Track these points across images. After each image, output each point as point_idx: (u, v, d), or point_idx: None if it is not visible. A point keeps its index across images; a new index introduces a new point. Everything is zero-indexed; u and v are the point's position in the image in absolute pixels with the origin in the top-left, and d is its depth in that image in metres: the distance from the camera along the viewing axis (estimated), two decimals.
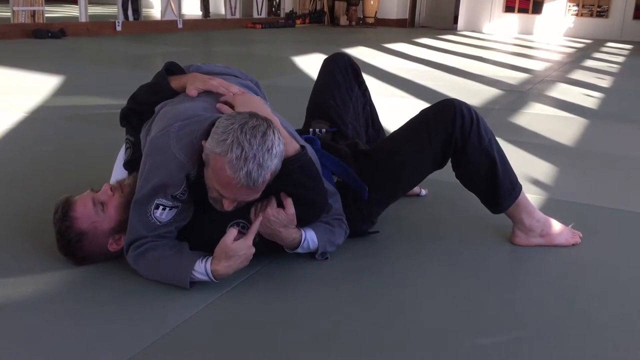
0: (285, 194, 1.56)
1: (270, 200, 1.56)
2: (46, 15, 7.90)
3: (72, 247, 1.57)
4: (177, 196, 1.49)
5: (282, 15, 12.32)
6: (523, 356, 1.34)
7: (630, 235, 2.04)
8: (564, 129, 3.57)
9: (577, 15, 12.07)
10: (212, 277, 1.49)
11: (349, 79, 2.09)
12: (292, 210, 1.55)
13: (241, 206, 1.50)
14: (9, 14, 7.52)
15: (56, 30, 7.59)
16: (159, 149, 1.49)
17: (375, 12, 12.90)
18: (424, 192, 2.29)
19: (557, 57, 8.03)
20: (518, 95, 4.75)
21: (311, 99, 2.11)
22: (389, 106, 3.93)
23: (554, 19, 12.17)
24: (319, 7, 13.12)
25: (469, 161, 1.77)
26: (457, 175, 1.84)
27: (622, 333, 1.44)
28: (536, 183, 2.50)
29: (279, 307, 1.49)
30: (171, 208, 1.51)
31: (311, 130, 1.95)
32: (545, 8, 12.25)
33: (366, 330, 1.40)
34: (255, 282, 1.59)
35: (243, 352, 1.30)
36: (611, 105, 4.53)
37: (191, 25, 10.08)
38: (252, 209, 1.56)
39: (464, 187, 1.86)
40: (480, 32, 12.35)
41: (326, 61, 2.13)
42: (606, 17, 11.88)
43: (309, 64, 5.99)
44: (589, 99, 4.69)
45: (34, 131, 3.09)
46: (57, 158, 2.64)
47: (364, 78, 2.20)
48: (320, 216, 1.66)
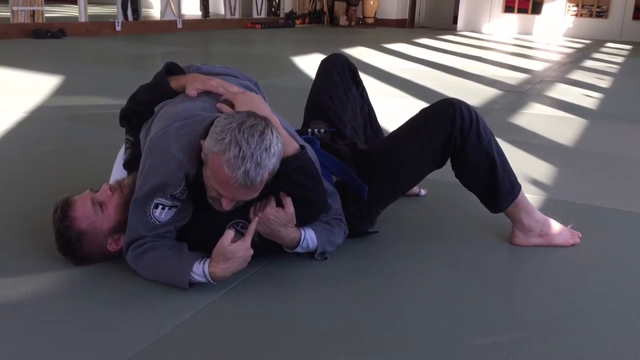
0: (284, 193, 1.56)
1: (269, 199, 1.56)
2: (46, 15, 7.90)
3: (72, 247, 1.57)
4: (177, 195, 1.49)
5: (282, 15, 12.33)
6: (522, 356, 1.34)
7: (630, 236, 2.04)
8: (563, 129, 3.57)
9: (577, 15, 12.08)
10: (210, 279, 1.49)
11: (347, 79, 2.09)
12: (292, 210, 1.55)
13: (240, 206, 1.50)
14: (9, 13, 7.52)
15: (56, 30, 7.59)
16: (159, 148, 1.49)
17: (375, 13, 12.91)
18: (423, 192, 2.29)
19: (557, 58, 8.03)
20: (517, 96, 4.75)
21: (309, 100, 2.12)
22: (389, 106, 3.94)
23: (553, 19, 12.18)
24: (318, 7, 13.13)
25: (468, 161, 1.77)
26: (457, 175, 1.84)
27: (622, 333, 1.44)
28: (535, 183, 2.50)
29: (279, 307, 1.49)
30: (170, 207, 1.51)
31: (310, 130, 1.95)
32: (544, 8, 12.26)
33: (366, 330, 1.40)
34: (254, 282, 1.59)
35: (243, 353, 1.30)
36: (610, 105, 4.53)
37: (191, 25, 10.08)
38: (251, 209, 1.56)
39: (464, 187, 1.86)
40: (480, 33, 12.36)
41: (324, 62, 2.14)
42: (605, 18, 11.89)
43: (308, 64, 5.99)
44: (588, 100, 4.70)
45: (34, 131, 3.09)
46: (57, 158, 2.64)
47: (363, 78, 2.20)
48: (319, 216, 1.66)
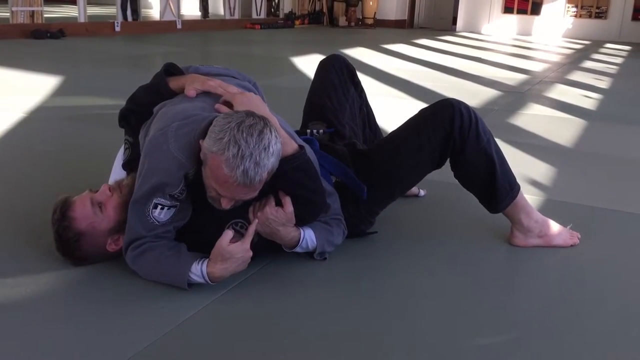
0: (283, 192, 1.56)
1: (268, 198, 1.56)
2: (45, 15, 7.90)
3: (71, 248, 1.57)
4: (176, 195, 1.49)
5: (281, 15, 12.33)
6: (521, 356, 1.34)
7: (629, 237, 2.04)
8: (563, 130, 3.57)
9: (576, 16, 12.09)
10: (208, 280, 1.49)
11: (345, 80, 2.09)
12: (291, 209, 1.56)
13: (239, 205, 1.50)
14: (8, 14, 7.52)
15: (55, 31, 7.59)
16: (158, 148, 1.49)
17: (374, 13, 12.91)
18: (422, 193, 2.29)
19: (556, 58, 8.04)
20: (516, 96, 4.76)
21: (308, 100, 2.12)
22: (388, 106, 3.94)
23: (552, 20, 12.19)
24: (318, 8, 13.13)
25: (467, 161, 1.77)
26: (456, 175, 1.84)
27: (621, 334, 1.44)
28: (534, 184, 2.50)
29: (278, 308, 1.49)
30: (169, 207, 1.51)
31: (308, 131, 1.95)
32: (544, 9, 12.27)
33: (365, 331, 1.40)
34: (254, 283, 1.59)
35: (242, 353, 1.30)
36: (609, 106, 4.54)
37: (190, 25, 10.08)
38: (251, 208, 1.56)
39: (463, 188, 1.87)
40: (479, 33, 12.37)
41: (322, 63, 2.14)
42: (605, 19, 11.90)
43: (308, 64, 5.99)
44: (587, 100, 4.70)
45: (33, 131, 3.09)
46: (56, 158, 2.64)
47: (362, 79, 2.20)
48: (318, 216, 1.66)
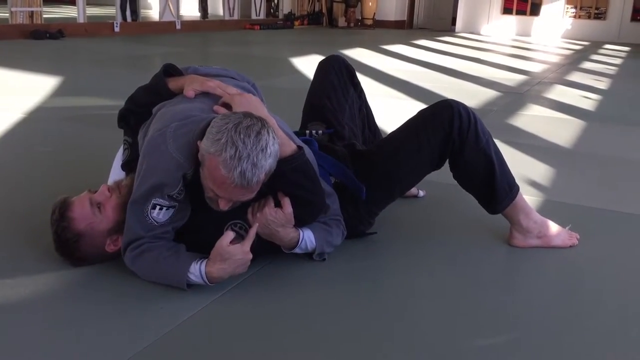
0: (282, 193, 1.56)
1: (267, 199, 1.56)
2: (44, 16, 7.90)
3: (70, 248, 1.57)
4: (174, 196, 1.49)
5: (281, 16, 12.33)
6: (521, 356, 1.34)
7: (628, 237, 2.04)
8: (562, 130, 3.57)
9: (575, 17, 12.10)
10: (206, 280, 1.49)
11: (344, 80, 2.09)
12: (290, 210, 1.55)
13: (238, 206, 1.50)
14: (7, 14, 7.52)
15: (54, 31, 7.59)
16: (156, 148, 1.49)
17: (374, 14, 12.92)
18: (421, 193, 2.29)
19: (555, 59, 8.04)
20: (516, 97, 4.76)
21: (307, 101, 2.12)
22: (387, 107, 3.94)
23: (551, 20, 12.20)
24: (317, 9, 13.14)
25: (466, 162, 1.77)
26: (455, 176, 1.84)
27: (620, 334, 1.44)
28: (533, 184, 2.50)
29: (277, 309, 1.49)
30: (168, 208, 1.51)
31: (308, 132, 1.95)
32: (543, 10, 12.28)
33: (365, 331, 1.40)
34: (253, 284, 1.59)
35: (241, 353, 1.30)
36: (609, 107, 4.54)
37: (189, 26, 10.08)
38: (250, 209, 1.56)
39: (462, 188, 1.87)
40: (478, 34, 12.37)
41: (321, 63, 2.14)
42: (604, 19, 11.91)
43: (307, 65, 5.99)
44: (586, 101, 4.70)
45: (32, 131, 3.09)
46: (55, 159, 2.64)
47: (361, 79, 2.20)
48: (318, 216, 1.66)
